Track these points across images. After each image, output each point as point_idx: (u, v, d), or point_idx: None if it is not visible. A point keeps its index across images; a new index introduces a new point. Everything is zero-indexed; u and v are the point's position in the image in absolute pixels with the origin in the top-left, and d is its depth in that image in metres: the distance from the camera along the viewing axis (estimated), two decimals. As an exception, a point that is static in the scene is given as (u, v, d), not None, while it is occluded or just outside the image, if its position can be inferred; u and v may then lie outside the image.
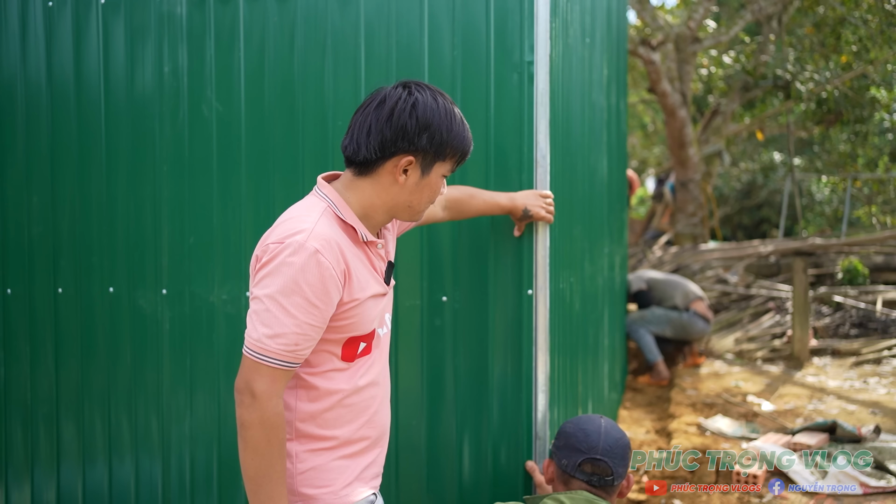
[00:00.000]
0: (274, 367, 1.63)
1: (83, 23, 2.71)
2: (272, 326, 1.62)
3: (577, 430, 2.26)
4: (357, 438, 1.80)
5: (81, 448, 2.79)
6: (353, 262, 1.70)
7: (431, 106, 1.70)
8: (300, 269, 1.60)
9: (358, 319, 1.74)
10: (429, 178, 1.76)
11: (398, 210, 1.79)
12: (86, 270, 2.76)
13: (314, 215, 1.69)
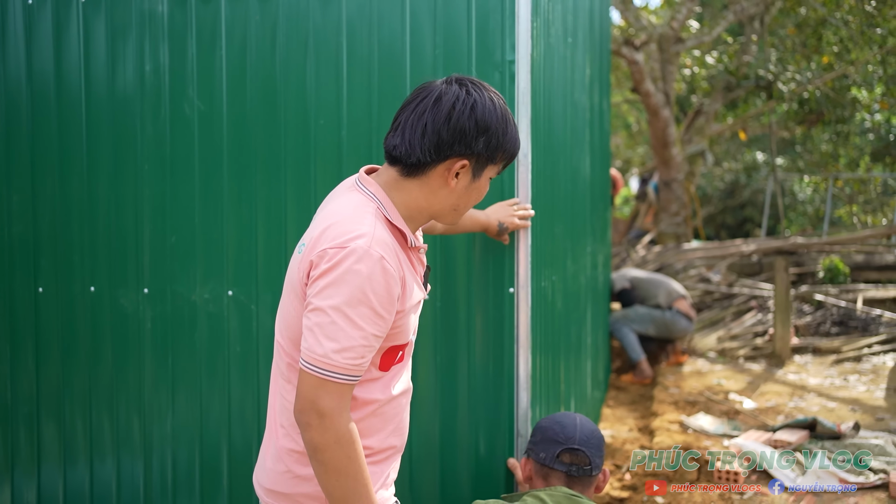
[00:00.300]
0: (341, 382, 1.53)
1: (63, 21, 2.70)
2: (339, 340, 1.52)
3: (553, 423, 2.29)
4: (385, 447, 1.75)
5: (62, 448, 2.78)
6: (406, 269, 1.65)
7: (489, 108, 1.63)
8: (367, 278, 1.52)
9: (403, 329, 1.67)
10: (479, 181, 1.69)
11: (443, 213, 1.72)
12: (66, 270, 2.75)
13: (369, 217, 1.60)
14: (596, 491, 2.29)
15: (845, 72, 10.82)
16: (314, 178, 2.57)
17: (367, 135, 2.54)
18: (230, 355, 2.64)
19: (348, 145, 2.55)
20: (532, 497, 2.11)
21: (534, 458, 2.27)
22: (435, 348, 2.56)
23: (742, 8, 10.06)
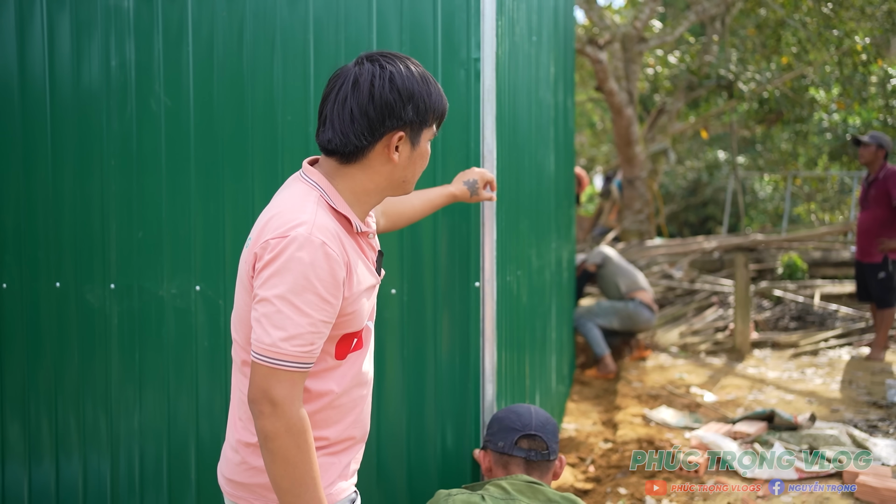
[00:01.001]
0: (292, 370, 1.54)
1: (27, 15, 2.68)
2: (287, 328, 1.52)
3: (508, 413, 2.36)
4: (344, 438, 1.75)
5: (27, 446, 2.76)
6: (352, 255, 1.65)
7: (408, 76, 1.63)
8: (310, 265, 1.53)
9: (354, 315, 1.67)
10: (419, 148, 1.70)
11: (392, 188, 1.73)
12: (31, 265, 2.73)
13: (311, 205, 1.61)
14: (553, 478, 2.35)
15: (804, 72, 11.04)
16: (282, 173, 2.59)
17: (334, 131, 2.56)
18: (198, 350, 2.65)
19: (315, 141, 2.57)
20: (493, 485, 2.16)
21: (492, 448, 2.33)
22: (402, 342, 2.59)
23: (704, 9, 10.22)
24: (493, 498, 2.09)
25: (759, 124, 12.28)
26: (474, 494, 2.10)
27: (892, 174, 6.12)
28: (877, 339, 6.27)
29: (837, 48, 10.31)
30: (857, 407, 5.03)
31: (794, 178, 14.56)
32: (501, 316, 2.70)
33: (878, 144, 6.24)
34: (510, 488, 2.14)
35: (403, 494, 2.61)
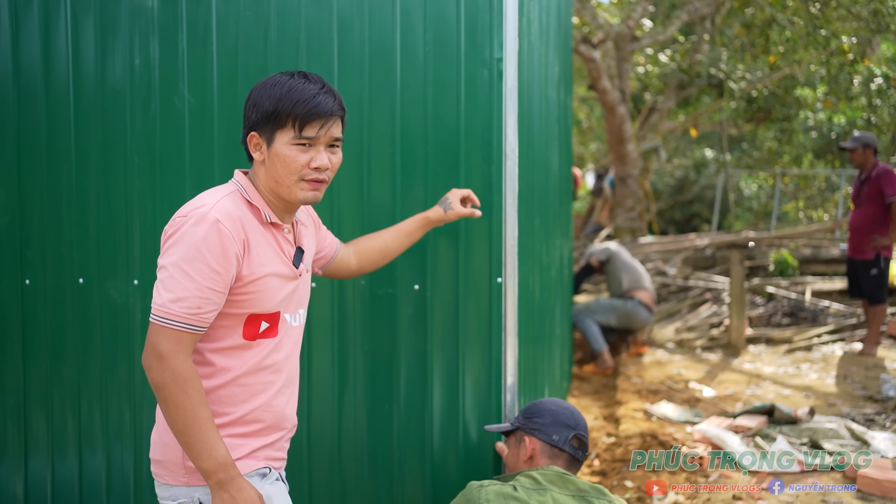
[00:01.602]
0: (177, 329, 1.71)
1: (52, 14, 2.70)
2: (175, 291, 1.70)
3: (560, 408, 2.39)
4: (250, 420, 1.85)
5: (51, 440, 2.79)
6: (255, 237, 1.80)
7: (264, 83, 1.82)
8: (203, 238, 1.70)
9: (258, 296, 1.80)
10: (274, 148, 1.81)
11: (277, 188, 1.84)
12: (55, 261, 2.75)
13: (219, 194, 1.80)
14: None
15: (791, 72, 11.17)
16: (306, 171, 2.62)
17: (358, 129, 2.60)
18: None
19: (340, 139, 2.61)
20: (524, 476, 2.20)
21: (543, 438, 2.35)
22: (425, 336, 2.64)
23: (695, 8, 10.31)
24: (524, 488, 2.14)
25: (747, 122, 12.40)
26: (506, 485, 2.15)
27: (884, 172, 6.22)
28: (869, 335, 6.37)
29: (825, 48, 10.43)
30: (854, 401, 5.13)
31: (782, 175, 14.71)
32: (521, 311, 2.75)
33: (863, 145, 6.35)
34: (541, 479, 2.19)
35: (427, 486, 2.66)
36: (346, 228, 2.63)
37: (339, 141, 1.87)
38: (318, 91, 1.80)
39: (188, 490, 1.81)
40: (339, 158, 1.89)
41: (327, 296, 2.66)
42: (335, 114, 1.83)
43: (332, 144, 1.85)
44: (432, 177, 2.60)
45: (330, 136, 1.83)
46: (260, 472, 1.86)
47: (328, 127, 1.81)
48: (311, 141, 1.80)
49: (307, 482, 2.69)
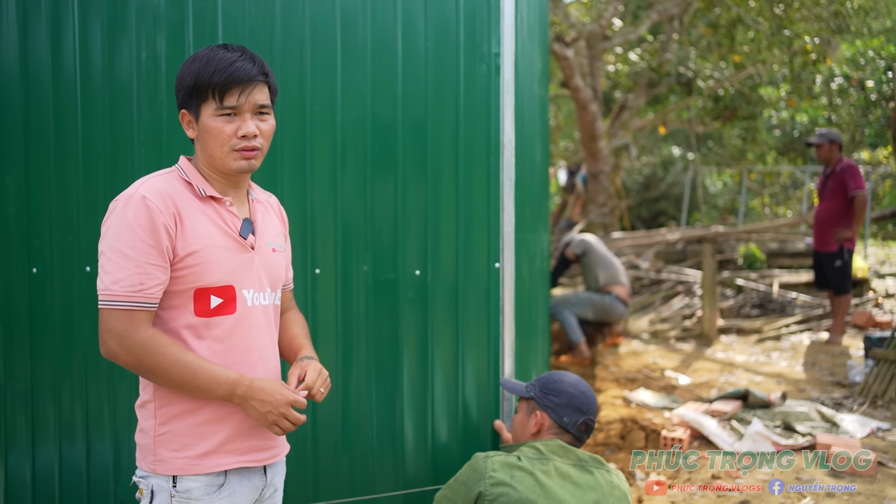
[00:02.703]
0: (126, 308, 1.72)
1: (60, 7, 2.76)
2: (114, 272, 1.73)
3: (578, 392, 2.47)
4: (217, 404, 1.81)
5: (58, 428, 2.84)
6: (188, 211, 1.80)
7: (185, 61, 1.85)
8: (133, 215, 1.73)
9: (200, 269, 1.79)
10: (202, 122, 1.81)
11: (213, 163, 1.86)
12: (62, 250, 2.81)
13: (151, 176, 1.85)
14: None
15: (757, 71, 11.44)
16: (309, 160, 2.72)
17: (361, 120, 2.71)
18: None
19: (343, 130, 2.71)
20: (528, 447, 2.33)
21: (554, 417, 2.44)
22: (427, 320, 2.75)
23: (665, 8, 10.53)
24: (528, 458, 2.26)
25: (714, 120, 12.68)
26: (511, 455, 2.27)
27: (847, 167, 6.46)
28: (835, 325, 6.61)
29: (788, 48, 10.72)
30: (822, 387, 5.33)
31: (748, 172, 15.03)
32: (516, 296, 2.87)
33: (829, 140, 6.59)
34: (544, 449, 2.31)
35: (429, 463, 2.77)
36: (350, 218, 2.73)
37: (266, 108, 1.85)
38: (235, 59, 1.80)
39: (150, 477, 1.83)
40: (269, 126, 1.87)
41: (331, 282, 2.75)
42: (255, 79, 1.81)
43: (259, 112, 1.84)
44: (432, 167, 2.71)
45: (253, 103, 1.81)
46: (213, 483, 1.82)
47: (248, 93, 1.80)
48: (235, 109, 1.80)
49: (312, 464, 2.79)
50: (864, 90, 12.48)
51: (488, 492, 2.19)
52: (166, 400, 1.82)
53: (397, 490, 2.75)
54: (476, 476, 2.24)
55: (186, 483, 1.80)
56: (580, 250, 6.82)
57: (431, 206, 2.73)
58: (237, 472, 1.86)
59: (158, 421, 1.82)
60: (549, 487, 2.20)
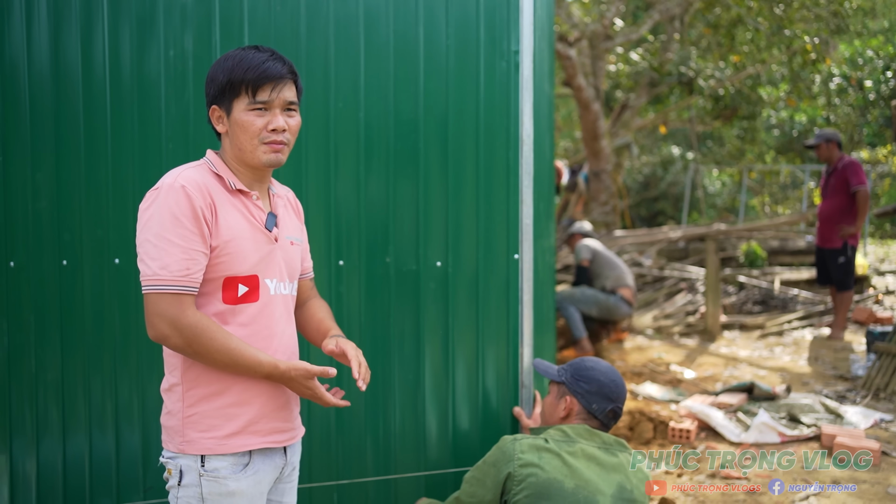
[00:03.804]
0: (175, 293, 1.80)
1: (91, 8, 2.83)
2: (161, 258, 1.80)
3: (608, 380, 2.51)
4: (241, 388, 1.91)
5: (88, 416, 2.91)
6: (221, 202, 1.89)
7: (216, 61, 1.95)
8: (174, 203, 1.81)
9: (230, 258, 1.88)
10: (235, 116, 1.91)
11: (242, 157, 1.94)
12: (91, 243, 2.88)
13: (185, 168, 1.93)
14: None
15: (757, 71, 11.54)
16: (334, 154, 2.80)
17: (384, 115, 2.79)
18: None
19: (366, 125, 2.79)
20: (555, 430, 2.41)
21: (583, 404, 2.49)
22: (448, 311, 2.83)
23: (666, 8, 10.63)
24: (555, 441, 2.35)
25: (715, 120, 12.78)
26: (538, 438, 2.35)
27: (849, 164, 6.54)
28: (836, 320, 6.69)
29: (788, 48, 10.81)
30: (826, 380, 5.42)
31: (749, 171, 15.13)
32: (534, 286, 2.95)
33: (826, 140, 6.69)
34: (571, 432, 2.39)
35: (450, 448, 2.85)
36: (373, 211, 2.80)
37: (294, 105, 1.96)
38: (266, 58, 1.91)
39: (178, 457, 1.91)
40: (296, 122, 1.97)
41: (355, 273, 2.83)
42: (285, 77, 1.92)
43: (287, 108, 1.94)
44: (453, 161, 2.79)
45: (283, 99, 1.92)
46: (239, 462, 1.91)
47: (279, 90, 1.91)
48: (266, 105, 1.90)
49: (336, 450, 2.87)
50: (862, 90, 12.59)
51: (517, 472, 2.28)
52: (194, 383, 1.91)
53: (419, 472, 2.84)
54: (505, 458, 2.32)
55: (214, 462, 1.89)
56: (589, 255, 6.86)
57: (452, 199, 2.81)
58: (261, 452, 1.96)
59: (186, 403, 1.91)
60: (576, 468, 2.29)
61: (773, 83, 12.79)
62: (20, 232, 2.88)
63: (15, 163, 2.87)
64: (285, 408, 2.01)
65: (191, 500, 1.90)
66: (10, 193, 2.88)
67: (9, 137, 2.87)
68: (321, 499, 2.87)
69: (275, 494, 2.07)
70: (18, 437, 2.91)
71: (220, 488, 1.89)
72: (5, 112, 2.86)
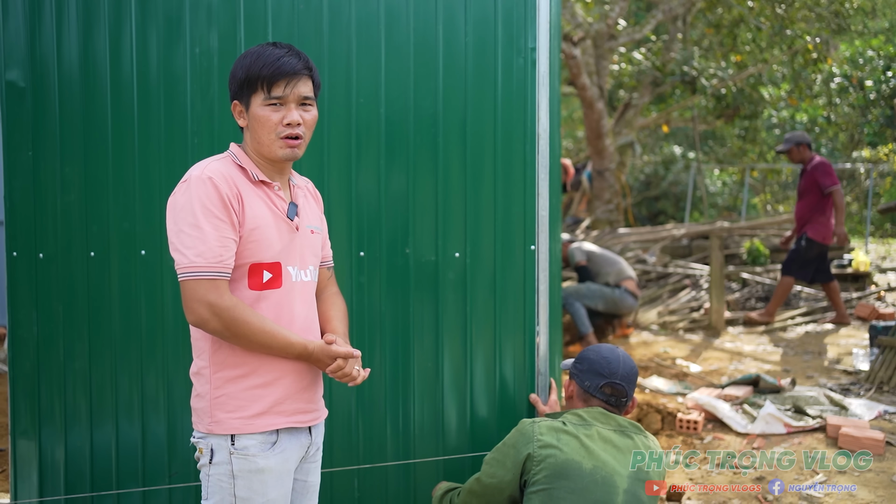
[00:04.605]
0: (211, 278, 1.89)
1: (121, 7, 2.92)
2: (196, 247, 1.88)
3: (599, 357, 2.63)
4: (268, 370, 2.00)
5: (115, 405, 2.99)
6: (246, 192, 1.98)
7: (238, 57, 2.04)
8: (203, 194, 1.90)
9: (256, 246, 1.97)
10: (252, 111, 2.00)
11: (260, 150, 2.04)
12: (119, 235, 2.96)
13: (211, 160, 2.02)
14: (624, 414, 2.67)
15: (759, 70, 11.62)
16: (355, 149, 2.88)
17: (404, 111, 2.87)
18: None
19: (387, 120, 2.88)
20: (571, 414, 2.50)
21: (578, 383, 2.62)
22: (466, 300, 2.91)
23: (670, 8, 10.71)
24: (572, 423, 2.43)
25: (717, 119, 12.87)
26: (556, 421, 2.44)
27: (818, 164, 6.85)
28: (837, 310, 6.89)
29: (789, 47, 10.90)
30: (830, 374, 5.50)
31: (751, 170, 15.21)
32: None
33: (795, 143, 6.99)
34: (587, 416, 2.48)
35: (467, 435, 2.93)
36: (393, 203, 2.89)
37: (309, 99, 2.03)
38: (283, 54, 1.98)
39: (208, 437, 2.01)
40: (312, 116, 2.05)
41: (375, 264, 2.92)
42: (299, 72, 1.99)
43: (303, 103, 2.02)
44: (472, 155, 2.88)
45: (298, 94, 1.99)
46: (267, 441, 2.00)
47: (294, 85, 1.98)
48: (281, 100, 1.98)
49: (357, 435, 2.95)
50: (863, 89, 12.67)
51: (537, 453, 2.36)
52: (221, 366, 2.00)
53: (437, 456, 2.92)
54: (525, 439, 2.40)
55: (244, 441, 1.99)
56: (584, 257, 6.95)
57: (471, 192, 2.90)
58: (287, 431, 2.06)
59: (214, 385, 2.00)
60: (593, 450, 2.37)
61: (775, 83, 12.88)
62: (49, 224, 2.97)
63: (45, 157, 2.96)
64: (309, 389, 2.10)
65: (222, 478, 1.99)
66: (39, 187, 2.96)
67: (39, 133, 2.96)
68: (342, 482, 2.96)
69: (300, 473, 2.16)
70: (47, 426, 3.00)
71: (250, 465, 1.98)
72: (36, 108, 2.94)
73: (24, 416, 2.99)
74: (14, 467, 2.99)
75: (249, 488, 1.98)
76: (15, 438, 2.99)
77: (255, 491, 1.98)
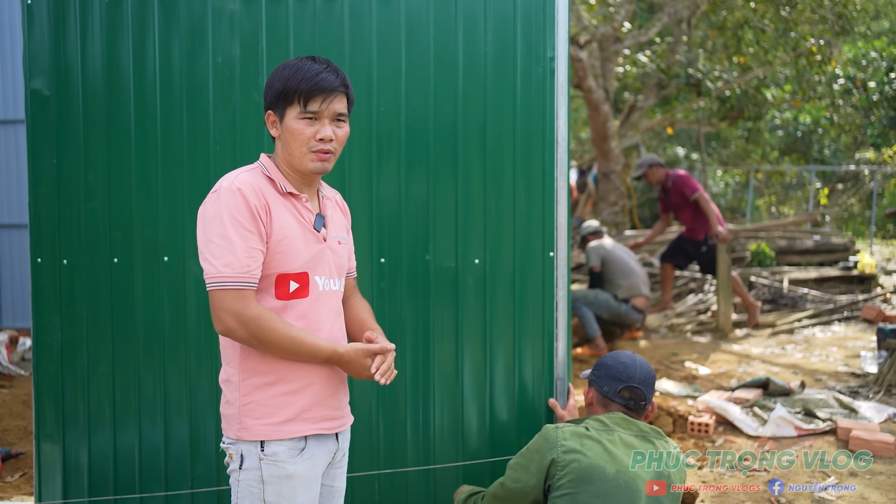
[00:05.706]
0: (238, 288, 1.92)
1: (146, 17, 2.95)
2: (224, 257, 1.91)
3: (616, 363, 2.67)
4: (295, 378, 2.03)
5: (138, 409, 3.03)
6: (274, 203, 2.01)
7: (276, 68, 2.06)
8: (233, 205, 1.93)
9: (283, 256, 2.00)
10: (287, 122, 2.02)
11: (291, 161, 2.05)
12: (142, 242, 3.00)
13: (240, 171, 2.04)
14: (644, 419, 2.71)
15: (763, 72, 11.66)
16: (376, 155, 2.92)
17: (423, 119, 2.91)
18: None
19: (407, 128, 2.92)
20: (593, 420, 2.53)
21: (597, 388, 2.67)
22: (485, 306, 2.95)
23: (676, 10, 10.75)
24: (594, 429, 2.47)
25: (721, 121, 12.90)
26: (579, 426, 2.47)
27: (677, 178, 7.19)
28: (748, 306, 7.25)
29: (793, 49, 10.93)
30: (838, 376, 5.54)
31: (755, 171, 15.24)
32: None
33: (648, 166, 7.29)
34: (608, 421, 2.52)
35: (487, 439, 2.97)
36: (413, 210, 2.93)
37: (343, 116, 2.06)
38: (321, 70, 2.00)
39: (238, 443, 2.04)
40: (344, 132, 2.07)
41: (396, 270, 2.95)
42: (336, 90, 2.01)
43: (337, 119, 2.04)
44: (491, 162, 2.92)
45: (333, 111, 2.02)
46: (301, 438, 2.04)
47: (330, 101, 2.00)
48: (316, 115, 2.00)
49: (378, 441, 2.99)
50: (866, 91, 12.70)
51: (560, 458, 2.40)
52: (249, 374, 2.03)
53: (457, 461, 2.96)
54: (548, 445, 2.44)
55: (273, 447, 2.02)
56: (599, 262, 6.85)
57: (490, 199, 2.94)
58: (315, 437, 2.09)
59: (242, 392, 2.03)
60: (616, 455, 2.41)
61: (778, 84, 12.91)
62: (73, 231, 3.01)
63: (69, 165, 3.00)
64: (335, 396, 2.13)
65: (252, 483, 2.02)
66: (63, 194, 3.00)
67: (63, 140, 2.99)
68: (363, 487, 2.99)
69: (327, 479, 2.19)
70: (71, 429, 3.03)
71: (279, 471, 2.02)
72: (60, 116, 2.98)
73: (49, 419, 3.03)
74: (38, 470, 3.03)
75: (279, 493, 2.02)
76: (39, 441, 3.03)
77: (284, 496, 2.02)
